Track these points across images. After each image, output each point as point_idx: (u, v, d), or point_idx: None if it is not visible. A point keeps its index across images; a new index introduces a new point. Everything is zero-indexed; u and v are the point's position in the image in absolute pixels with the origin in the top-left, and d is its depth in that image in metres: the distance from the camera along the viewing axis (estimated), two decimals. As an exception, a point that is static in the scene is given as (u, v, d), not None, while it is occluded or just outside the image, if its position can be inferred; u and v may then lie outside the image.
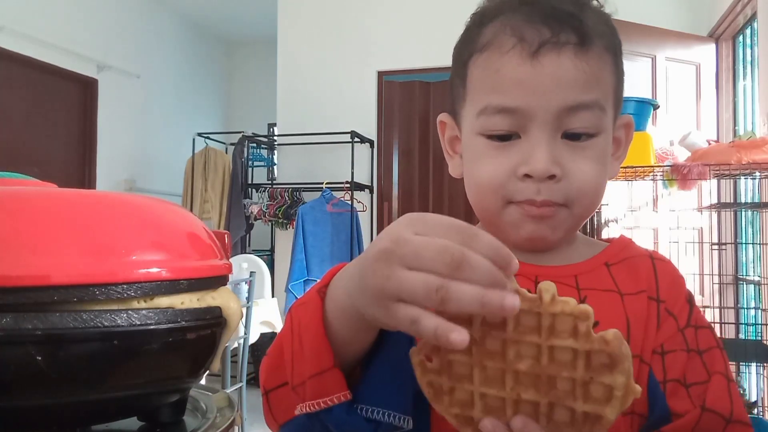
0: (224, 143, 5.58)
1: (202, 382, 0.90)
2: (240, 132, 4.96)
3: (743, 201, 3.14)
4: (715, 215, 3.17)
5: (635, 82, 3.53)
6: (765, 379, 2.63)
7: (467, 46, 0.61)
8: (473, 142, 0.59)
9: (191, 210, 4.99)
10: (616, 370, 0.37)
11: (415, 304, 0.37)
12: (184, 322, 0.60)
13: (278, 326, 3.56)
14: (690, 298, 0.61)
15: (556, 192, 0.55)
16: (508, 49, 0.55)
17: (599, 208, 2.85)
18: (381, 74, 4.69)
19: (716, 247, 2.89)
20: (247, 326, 2.96)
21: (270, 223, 4.65)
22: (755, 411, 2.61)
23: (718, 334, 2.72)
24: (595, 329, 0.38)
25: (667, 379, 0.56)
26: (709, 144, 2.57)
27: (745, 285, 3.15)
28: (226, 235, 0.75)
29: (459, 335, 0.36)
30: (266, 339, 4.06)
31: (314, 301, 0.46)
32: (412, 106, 4.69)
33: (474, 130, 0.59)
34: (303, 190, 4.58)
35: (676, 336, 0.57)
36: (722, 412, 0.54)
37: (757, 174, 2.34)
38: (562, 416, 0.39)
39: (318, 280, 0.49)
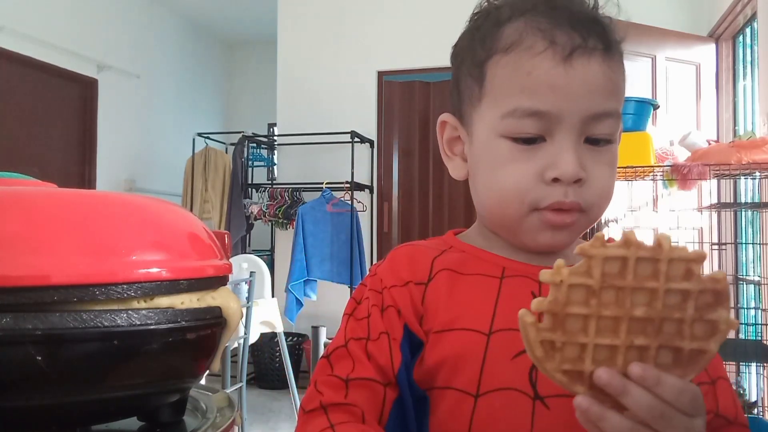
0: (224, 143, 5.58)
1: (202, 382, 0.90)
2: (240, 132, 4.95)
3: (743, 201, 3.14)
4: (715, 215, 3.16)
5: (635, 82, 3.53)
6: (765, 379, 2.63)
7: (483, 46, 0.59)
8: (494, 145, 0.58)
9: (191, 210, 4.99)
10: (721, 306, 0.42)
11: None
12: (184, 322, 0.60)
13: (278, 326, 3.56)
14: None
15: (581, 196, 0.56)
16: (540, 51, 0.55)
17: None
18: (381, 74, 4.69)
19: (716, 247, 2.89)
20: (247, 326, 2.96)
21: (270, 223, 4.65)
22: (755, 411, 2.61)
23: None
24: None
25: None
26: (709, 144, 2.56)
27: (745, 285, 3.14)
28: (226, 235, 0.75)
29: None
30: (266, 339, 4.06)
31: None
32: (412, 106, 4.69)
33: (496, 132, 0.57)
34: (303, 190, 4.58)
35: None
36: (729, 417, 0.57)
37: (757, 174, 2.34)
38: (667, 358, 0.43)
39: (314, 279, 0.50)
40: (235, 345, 3.09)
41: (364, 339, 0.58)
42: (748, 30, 3.49)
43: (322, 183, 4.35)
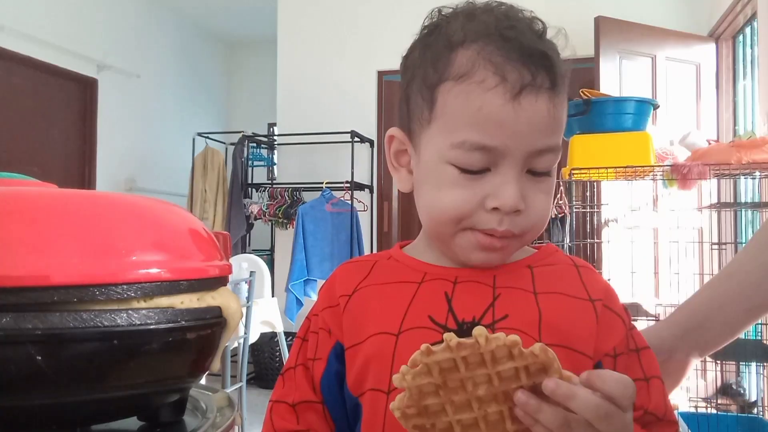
0: (224, 143, 5.58)
1: (202, 382, 0.90)
2: (240, 132, 4.95)
3: (743, 201, 3.14)
4: (715, 215, 3.17)
5: (635, 82, 3.53)
6: (765, 379, 2.63)
7: (435, 68, 0.60)
8: (441, 169, 0.59)
9: (194, 210, 5.00)
10: (550, 371, 0.48)
11: None
12: (184, 322, 0.61)
13: (278, 326, 3.56)
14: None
15: (516, 224, 0.58)
16: (491, 87, 0.56)
17: (599, 208, 2.86)
18: (381, 74, 4.69)
19: (716, 247, 2.89)
20: (247, 326, 2.96)
21: (270, 223, 4.65)
22: (755, 411, 2.62)
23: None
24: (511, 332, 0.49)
25: None
26: (709, 144, 2.56)
27: (745, 285, 3.14)
28: (226, 236, 0.75)
29: None
30: (266, 339, 4.06)
31: None
32: (412, 106, 4.69)
33: (444, 159, 0.59)
34: (303, 190, 4.58)
35: (624, 339, 0.62)
36: (658, 414, 0.60)
37: (757, 174, 2.34)
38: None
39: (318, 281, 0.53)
40: (235, 345, 3.09)
41: (302, 364, 0.65)
42: (748, 30, 3.49)
43: (322, 183, 4.35)
